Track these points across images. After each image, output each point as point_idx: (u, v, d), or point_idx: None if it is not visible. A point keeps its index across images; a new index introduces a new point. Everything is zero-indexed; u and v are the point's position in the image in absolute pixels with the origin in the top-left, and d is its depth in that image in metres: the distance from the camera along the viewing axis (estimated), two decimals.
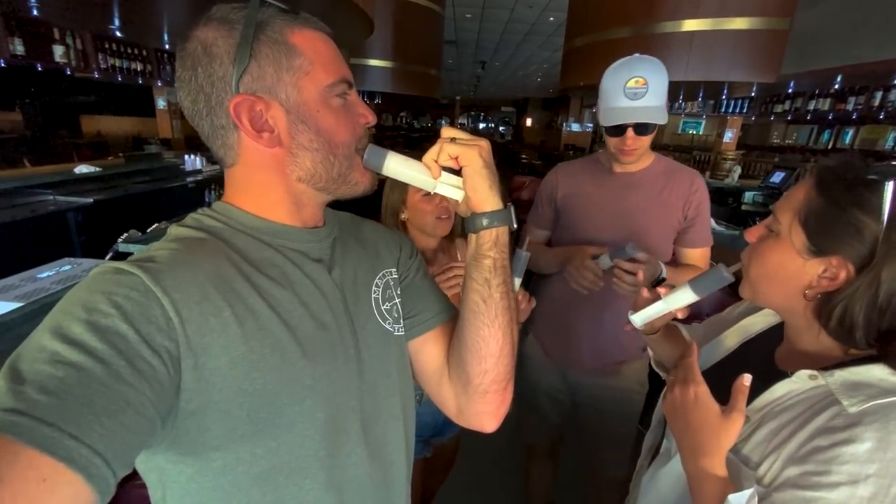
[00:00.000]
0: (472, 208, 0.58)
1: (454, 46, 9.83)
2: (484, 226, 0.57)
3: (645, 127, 1.19)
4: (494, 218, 0.57)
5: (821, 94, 4.63)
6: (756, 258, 0.69)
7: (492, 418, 0.65)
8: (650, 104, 1.15)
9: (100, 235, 2.39)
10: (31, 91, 6.96)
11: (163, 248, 0.50)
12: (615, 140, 1.24)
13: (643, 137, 1.21)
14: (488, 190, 0.57)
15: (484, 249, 0.58)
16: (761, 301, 0.72)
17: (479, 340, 0.60)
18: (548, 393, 1.52)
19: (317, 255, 0.60)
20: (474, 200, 0.57)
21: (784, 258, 0.64)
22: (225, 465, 0.48)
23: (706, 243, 1.36)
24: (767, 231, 0.68)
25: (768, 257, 0.66)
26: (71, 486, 0.34)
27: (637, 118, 1.16)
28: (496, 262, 0.59)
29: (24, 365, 0.37)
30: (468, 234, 0.60)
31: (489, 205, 0.57)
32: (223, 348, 0.47)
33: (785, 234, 0.64)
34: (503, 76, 14.25)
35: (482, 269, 0.59)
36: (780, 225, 0.65)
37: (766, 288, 0.68)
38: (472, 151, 0.55)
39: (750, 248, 0.71)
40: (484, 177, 0.56)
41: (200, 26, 0.51)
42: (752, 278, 0.70)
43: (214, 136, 0.53)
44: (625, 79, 1.16)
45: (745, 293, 0.72)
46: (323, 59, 0.54)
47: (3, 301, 1.41)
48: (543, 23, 7.56)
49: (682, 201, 1.32)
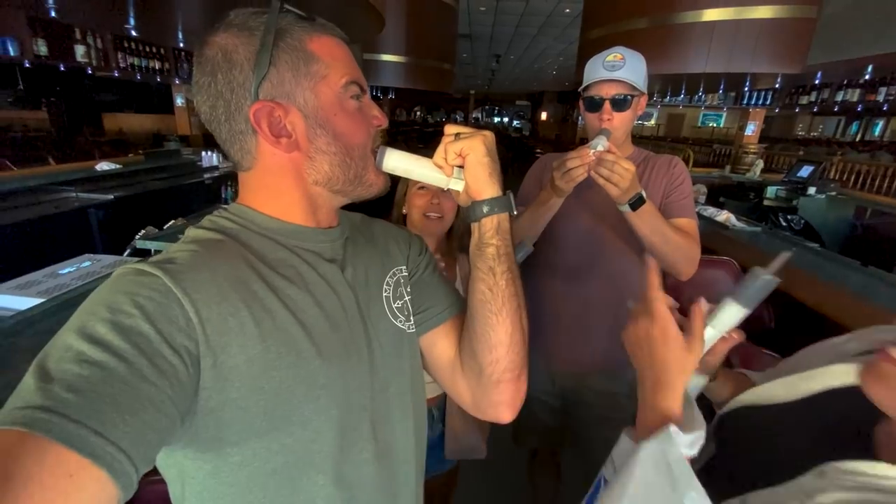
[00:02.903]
0: (472, 196, 0.59)
1: (468, 40, 9.76)
2: (484, 213, 0.58)
3: (622, 102, 1.22)
4: (494, 205, 0.58)
5: (850, 85, 4.46)
6: None
7: (507, 408, 0.66)
8: (624, 77, 1.20)
9: (120, 231, 2.44)
10: (56, 90, 7.14)
11: (182, 249, 0.52)
12: (593, 117, 1.26)
13: (621, 113, 1.23)
14: (487, 177, 0.58)
15: (486, 237, 0.59)
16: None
17: (489, 329, 0.60)
18: (538, 398, 1.50)
19: (330, 256, 0.61)
20: (473, 189, 0.58)
21: None
22: (242, 461, 0.49)
23: (686, 214, 1.28)
24: None
25: None
26: (96, 482, 0.35)
27: (613, 81, 1.21)
28: (499, 250, 0.59)
29: (52, 364, 0.38)
30: (471, 224, 0.61)
31: (488, 192, 0.58)
32: (241, 347, 0.48)
33: None
34: (518, 69, 14.11)
35: (486, 258, 0.59)
36: None
37: None
38: (475, 141, 0.57)
39: None
40: (484, 165, 0.57)
41: (220, 32, 0.52)
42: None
43: (232, 140, 0.54)
44: (604, 56, 1.23)
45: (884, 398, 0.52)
46: (339, 64, 0.55)
47: (26, 297, 1.45)
48: (559, 15, 7.45)
49: (661, 186, 1.30)
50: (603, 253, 1.32)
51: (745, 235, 2.82)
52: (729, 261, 1.99)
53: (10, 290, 1.51)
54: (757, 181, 4.82)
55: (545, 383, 1.48)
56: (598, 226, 1.31)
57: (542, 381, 1.48)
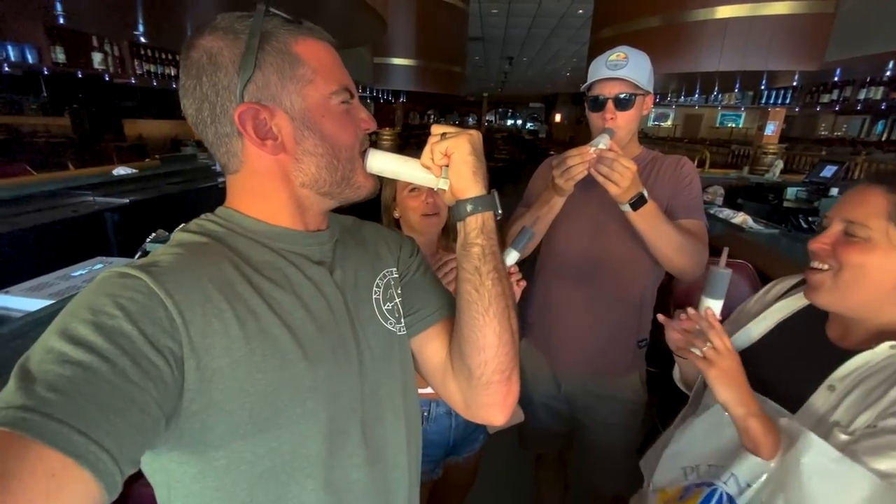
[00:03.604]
0: (455, 195, 0.59)
1: (481, 43, 9.75)
2: (468, 212, 0.58)
3: (626, 101, 1.19)
4: (478, 203, 0.58)
5: (872, 83, 4.31)
6: (850, 268, 0.74)
7: (499, 410, 0.64)
8: (627, 76, 1.17)
9: (134, 234, 2.49)
10: (78, 97, 7.35)
11: (166, 252, 0.52)
12: (597, 116, 1.23)
13: (624, 113, 1.20)
14: (471, 176, 0.57)
15: (471, 237, 0.59)
16: (845, 307, 0.78)
17: (476, 331, 0.59)
18: (544, 402, 1.48)
19: (318, 258, 0.60)
20: (458, 187, 0.58)
21: (886, 262, 0.71)
22: (228, 465, 0.49)
23: (694, 216, 1.24)
24: (845, 236, 0.75)
25: (868, 264, 0.72)
26: (79, 482, 0.35)
27: (616, 75, 1.18)
28: (484, 250, 0.58)
29: (33, 365, 0.38)
30: (457, 224, 0.61)
31: (472, 190, 0.57)
32: (225, 349, 0.48)
33: (881, 238, 0.71)
34: (531, 71, 14.05)
35: (471, 258, 0.59)
36: (871, 230, 0.72)
37: (856, 293, 0.75)
38: (460, 140, 0.57)
39: (839, 259, 0.75)
40: (469, 164, 0.57)
41: (205, 35, 0.52)
42: (843, 286, 0.75)
43: (218, 143, 0.54)
44: (607, 56, 1.20)
45: (824, 301, 0.79)
46: (325, 69, 0.55)
47: (36, 298, 1.48)
48: (572, 16, 7.39)
49: (668, 188, 1.26)
50: (608, 253, 1.29)
51: (762, 238, 2.74)
52: (744, 264, 1.92)
53: (21, 291, 1.54)
54: (776, 182, 4.68)
55: (551, 387, 1.46)
56: (603, 226, 1.28)
57: (547, 384, 1.45)
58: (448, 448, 1.30)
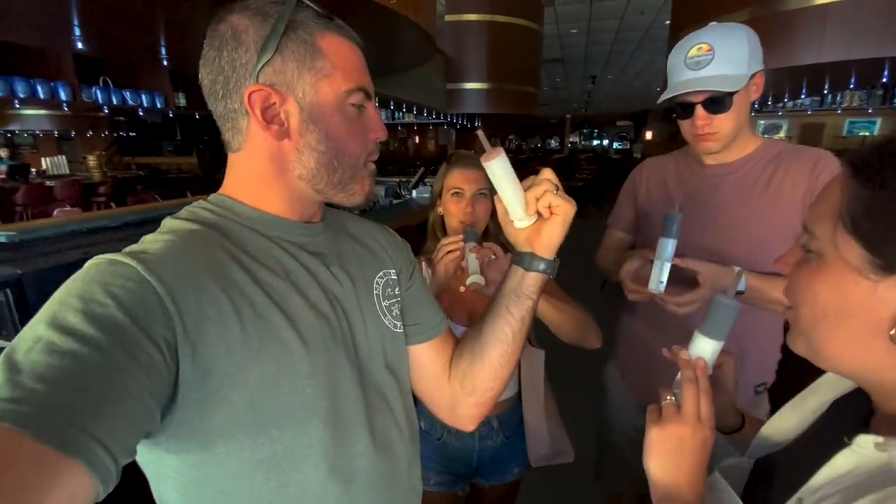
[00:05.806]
0: (534, 248, 0.62)
1: (561, 64, 9.66)
2: (539, 269, 0.63)
3: (719, 103, 0.97)
4: (549, 267, 0.63)
5: None
6: (801, 294, 0.47)
7: (477, 421, 0.73)
8: (715, 73, 0.95)
9: None
10: (204, 139, 8.62)
11: (156, 239, 0.50)
12: (686, 124, 1.05)
13: (718, 116, 0.99)
14: (558, 242, 0.62)
15: (529, 291, 0.64)
16: (824, 359, 0.48)
17: (498, 366, 0.67)
18: (626, 433, 1.30)
19: (314, 249, 0.60)
20: (542, 243, 0.62)
21: (841, 286, 0.43)
22: (227, 452, 0.48)
23: None
24: (804, 252, 0.48)
25: (818, 289, 0.45)
26: (72, 474, 0.34)
27: (697, 87, 0.96)
28: (534, 305, 0.66)
29: (20, 356, 0.37)
30: (513, 266, 0.65)
31: (551, 254, 0.63)
32: (221, 337, 0.47)
33: (829, 251, 0.44)
34: (617, 89, 13.54)
35: (521, 308, 0.65)
36: (819, 240, 0.45)
37: (825, 336, 0.46)
38: (569, 206, 0.60)
39: (789, 283, 0.50)
40: (565, 230, 0.61)
41: (236, 12, 0.52)
42: (805, 325, 0.48)
43: (226, 118, 0.55)
44: (686, 48, 0.98)
45: (798, 348, 0.50)
46: (346, 66, 0.55)
47: None
48: (658, 27, 7.05)
49: (800, 191, 1.00)
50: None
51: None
52: None
53: None
54: None
55: (635, 418, 1.27)
56: (701, 229, 1.10)
57: (631, 415, 1.29)
58: (471, 469, 1.22)
